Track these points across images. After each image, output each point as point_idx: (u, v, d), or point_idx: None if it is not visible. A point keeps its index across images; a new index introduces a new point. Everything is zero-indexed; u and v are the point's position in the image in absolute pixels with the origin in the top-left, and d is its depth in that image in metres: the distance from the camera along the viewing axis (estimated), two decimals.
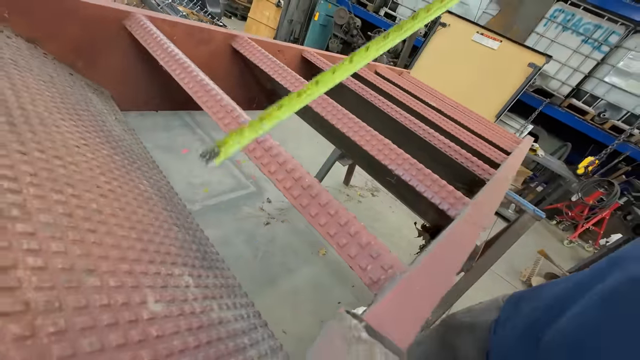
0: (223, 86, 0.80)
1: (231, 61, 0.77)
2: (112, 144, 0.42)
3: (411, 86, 1.28)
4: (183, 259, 0.31)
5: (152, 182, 0.42)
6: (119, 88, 0.60)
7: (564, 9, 3.85)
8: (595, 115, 4.00)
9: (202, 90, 0.42)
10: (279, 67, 0.66)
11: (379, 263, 0.27)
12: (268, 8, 4.85)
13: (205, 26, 0.68)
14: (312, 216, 0.30)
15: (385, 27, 4.88)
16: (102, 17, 0.53)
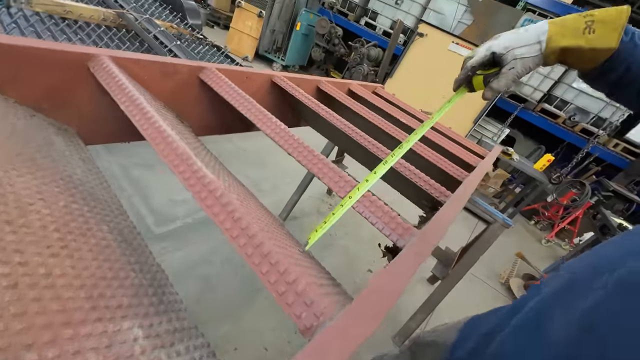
0: (193, 114, 0.82)
1: (200, 90, 0.80)
2: (71, 192, 0.43)
3: (383, 104, 1.33)
4: (135, 309, 0.33)
5: (113, 225, 0.44)
6: (86, 124, 0.62)
7: (532, 18, 4.05)
8: (566, 118, 4.21)
9: (159, 137, 0.44)
10: (243, 99, 0.69)
11: (312, 310, 0.30)
12: (250, 18, 4.89)
13: (171, 61, 0.70)
14: (255, 264, 0.33)
15: (366, 36, 5.00)
16: (66, 61, 0.54)
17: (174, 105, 0.75)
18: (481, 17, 4.33)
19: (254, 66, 5.01)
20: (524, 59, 0.52)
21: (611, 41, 0.47)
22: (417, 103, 4.15)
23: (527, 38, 0.51)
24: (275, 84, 0.96)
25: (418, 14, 4.85)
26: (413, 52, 4.18)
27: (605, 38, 0.47)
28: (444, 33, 3.99)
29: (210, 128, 0.89)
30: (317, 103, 0.90)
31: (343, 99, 1.12)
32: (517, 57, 0.52)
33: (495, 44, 0.54)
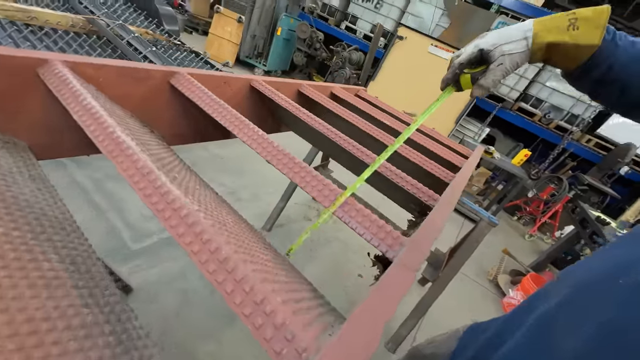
0: (165, 123, 0.77)
1: (172, 97, 0.74)
2: (14, 216, 0.37)
3: (366, 106, 1.31)
4: (85, 354, 0.28)
5: (65, 253, 0.39)
6: (38, 137, 0.55)
7: (506, 21, 4.19)
8: (542, 116, 4.36)
9: (117, 149, 0.39)
10: (217, 105, 0.65)
11: (293, 346, 0.26)
12: (229, 24, 4.82)
13: (139, 65, 0.65)
14: (227, 293, 0.29)
15: (347, 40, 5.04)
16: (13, 67, 0.48)
17: (143, 114, 0.70)
18: (458, 20, 4.45)
19: (235, 72, 4.93)
20: (511, 54, 0.52)
21: (594, 38, 0.47)
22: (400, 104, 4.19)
23: (514, 35, 0.52)
24: (254, 88, 0.92)
25: (397, 17, 4.93)
26: (394, 55, 4.23)
27: (589, 35, 0.47)
28: (423, 36, 4.07)
29: (185, 137, 0.83)
30: (298, 107, 0.86)
31: (325, 103, 1.09)
32: (504, 53, 0.52)
33: (483, 42, 0.54)
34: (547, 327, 0.42)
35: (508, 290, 2.35)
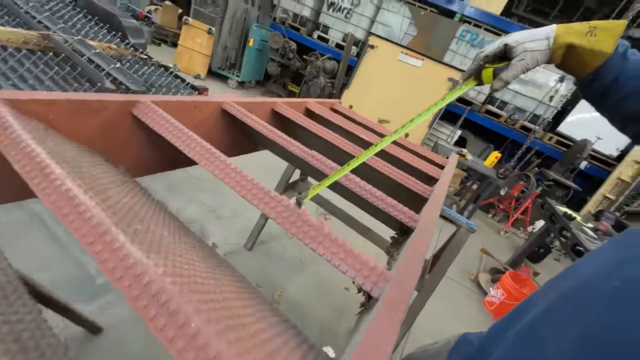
0: (129, 154, 0.72)
1: (136, 127, 0.69)
2: None
3: (342, 120, 1.31)
4: None
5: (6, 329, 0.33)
6: None
7: (469, 29, 4.42)
8: (507, 117, 4.61)
9: (67, 205, 0.35)
10: (183, 135, 0.61)
11: None
12: (199, 35, 4.72)
13: (95, 97, 0.60)
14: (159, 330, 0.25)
15: (320, 49, 5.09)
16: None
17: (104, 147, 0.64)
18: (425, 29, 4.64)
19: (208, 84, 4.82)
20: (533, 52, 0.55)
21: (608, 46, 0.50)
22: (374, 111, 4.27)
23: (537, 34, 0.55)
24: (226, 111, 0.89)
25: (367, 26, 5.06)
26: (366, 63, 4.33)
27: (604, 42, 0.51)
28: (393, 44, 4.19)
29: (153, 166, 0.78)
30: (272, 130, 0.84)
31: (300, 120, 1.07)
32: (527, 50, 0.55)
33: (508, 38, 0.57)
34: (534, 334, 0.43)
35: (489, 288, 2.42)
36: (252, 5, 4.85)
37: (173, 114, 0.70)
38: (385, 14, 4.84)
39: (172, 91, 2.58)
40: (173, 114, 0.70)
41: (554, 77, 4.25)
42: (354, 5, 4.96)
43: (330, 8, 5.15)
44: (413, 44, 4.68)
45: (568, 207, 3.55)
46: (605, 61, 0.51)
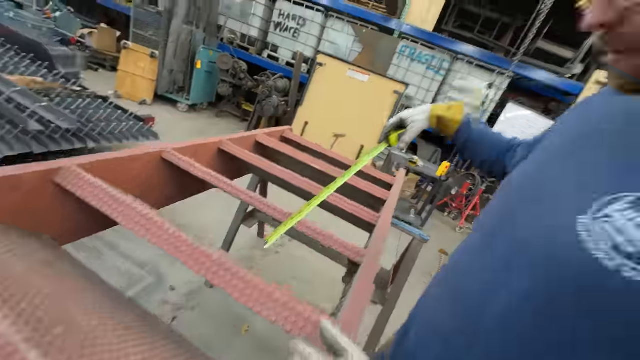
0: (55, 222, 0.66)
1: (59, 194, 0.65)
2: None
3: (291, 150, 1.34)
4: None
5: None
6: None
7: (408, 45, 4.80)
8: None
9: None
10: (113, 201, 0.58)
11: None
12: (141, 59, 4.51)
13: (10, 172, 0.55)
14: None
15: (271, 68, 5.15)
16: None
17: (27, 220, 0.59)
18: (369, 46, 4.93)
19: (155, 109, 4.60)
20: (418, 121, 0.80)
21: (459, 117, 0.78)
22: (329, 126, 4.39)
23: (420, 110, 0.81)
24: (165, 160, 0.86)
25: (315, 44, 5.24)
26: (317, 80, 4.46)
27: (457, 115, 0.78)
28: (340, 61, 4.39)
29: (82, 230, 0.73)
30: (216, 177, 0.83)
31: (248, 158, 1.07)
32: (414, 121, 0.80)
33: (402, 114, 0.82)
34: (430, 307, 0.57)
35: None
36: (197, 28, 4.77)
37: (105, 174, 0.67)
38: (331, 33, 5.06)
39: (112, 125, 2.41)
40: (105, 174, 0.67)
41: (484, 85, 4.77)
42: (300, 25, 5.12)
43: (277, 28, 5.26)
44: (359, 60, 4.94)
45: None
46: (459, 127, 0.77)
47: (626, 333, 0.27)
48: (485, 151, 0.76)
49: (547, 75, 4.76)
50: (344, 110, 4.40)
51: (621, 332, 0.27)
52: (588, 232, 0.30)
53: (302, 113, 4.57)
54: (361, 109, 4.34)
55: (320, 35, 5.20)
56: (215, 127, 4.97)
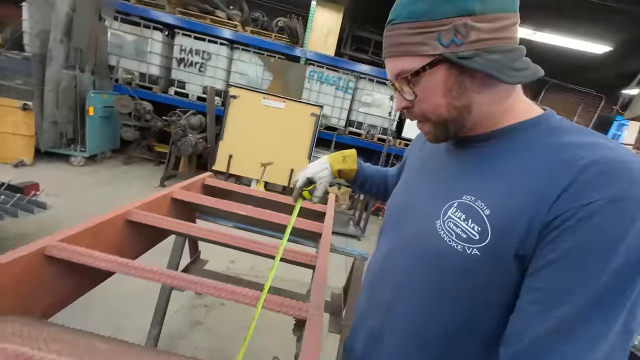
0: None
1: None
2: None
3: (213, 201, 1.25)
4: None
5: None
6: None
7: (315, 70, 5.13)
8: (366, 134, 5.52)
9: None
10: None
11: None
12: (10, 114, 3.73)
13: None
14: None
15: (181, 105, 4.85)
16: None
17: None
18: (278, 73, 5.10)
19: (39, 169, 3.82)
20: (324, 177, 0.84)
21: (354, 166, 0.88)
22: (254, 156, 4.33)
23: (321, 166, 0.85)
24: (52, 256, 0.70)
25: (225, 77, 5.16)
26: (233, 112, 4.38)
27: (352, 164, 0.87)
28: (254, 92, 4.42)
29: None
30: (121, 262, 0.71)
31: (162, 224, 0.96)
32: (321, 177, 0.84)
33: (308, 172, 0.85)
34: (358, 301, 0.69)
35: None
36: (83, 71, 4.20)
37: None
38: (239, 64, 5.07)
39: None
40: None
41: (387, 97, 5.39)
42: (205, 59, 4.99)
43: (181, 64, 5.02)
44: (272, 88, 5.05)
45: None
46: (355, 174, 0.88)
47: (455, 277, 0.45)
48: (376, 185, 0.92)
49: None
50: (266, 139, 4.39)
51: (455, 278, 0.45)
52: (442, 230, 0.47)
53: (224, 147, 4.39)
54: (283, 134, 4.40)
55: (229, 68, 5.16)
56: (126, 175, 4.37)
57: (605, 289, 0.32)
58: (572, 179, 0.36)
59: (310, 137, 4.49)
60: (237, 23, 5.11)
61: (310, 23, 5.18)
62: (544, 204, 0.37)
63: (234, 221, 1.51)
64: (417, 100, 0.47)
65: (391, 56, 0.48)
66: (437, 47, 0.42)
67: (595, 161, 0.35)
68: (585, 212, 0.34)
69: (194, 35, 4.93)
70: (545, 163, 0.39)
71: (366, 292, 0.65)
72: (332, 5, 5.16)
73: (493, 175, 0.44)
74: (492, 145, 0.47)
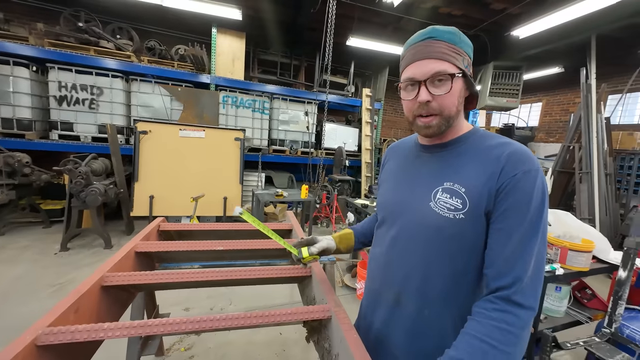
0: None
1: None
2: None
3: (175, 244, 1.21)
4: None
5: None
6: None
7: (228, 95, 5.10)
8: (289, 149, 5.74)
9: None
10: None
11: None
12: None
13: None
14: None
15: (72, 150, 4.11)
16: None
17: None
18: (189, 102, 4.86)
19: None
20: (328, 239, 0.97)
21: (352, 242, 1.02)
22: (181, 191, 4.02)
23: (328, 244, 0.94)
24: None
25: (125, 111, 4.62)
26: (146, 149, 3.97)
27: (350, 241, 1.02)
28: (166, 124, 4.11)
29: None
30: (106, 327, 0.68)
31: (140, 280, 0.91)
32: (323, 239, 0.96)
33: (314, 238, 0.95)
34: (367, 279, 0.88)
35: (355, 284, 2.98)
36: None
37: None
38: (140, 97, 4.62)
39: None
40: None
41: (302, 113, 5.75)
42: (96, 94, 4.37)
43: (63, 102, 4.26)
44: (185, 118, 4.78)
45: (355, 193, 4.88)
46: (355, 245, 1.02)
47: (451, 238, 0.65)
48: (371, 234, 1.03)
49: (337, 98, 6.34)
50: (192, 171, 4.13)
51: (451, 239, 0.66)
52: (436, 208, 0.68)
53: (141, 188, 3.92)
54: (209, 163, 4.22)
55: (128, 101, 4.65)
56: (4, 250, 3.40)
57: (532, 218, 0.59)
58: (503, 164, 0.62)
59: (238, 161, 4.43)
60: (130, 53, 4.67)
61: (214, 49, 5.15)
62: (493, 180, 0.62)
63: (202, 261, 1.46)
64: (438, 97, 0.64)
65: (434, 58, 0.64)
66: (461, 65, 0.65)
67: (510, 153, 0.62)
68: (514, 180, 0.60)
69: (75, 69, 4.27)
70: (487, 157, 0.65)
71: (378, 275, 0.81)
72: (232, 32, 5.26)
73: (460, 167, 0.67)
74: (454, 149, 0.71)
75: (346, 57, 6.59)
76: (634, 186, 4.94)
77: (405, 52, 0.69)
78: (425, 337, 0.70)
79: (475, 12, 5.01)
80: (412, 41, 0.68)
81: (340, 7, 3.90)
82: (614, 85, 6.35)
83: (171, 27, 6.15)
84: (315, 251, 0.89)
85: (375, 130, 6.90)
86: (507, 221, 0.60)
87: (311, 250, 0.88)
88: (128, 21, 5.51)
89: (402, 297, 0.73)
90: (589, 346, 1.32)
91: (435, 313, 0.69)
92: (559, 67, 6.73)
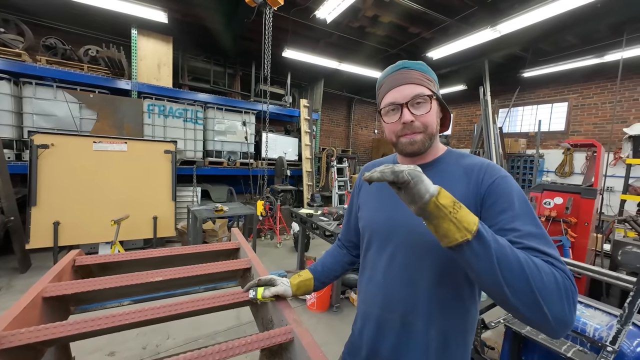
0: None
1: None
2: None
3: (99, 281, 1.03)
4: None
5: None
6: None
7: (154, 103, 4.62)
8: (227, 161, 5.47)
9: None
10: None
11: None
12: None
13: None
14: None
15: None
16: None
17: None
18: (104, 111, 4.23)
19: None
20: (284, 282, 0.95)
21: (311, 285, 0.99)
22: (99, 214, 3.46)
23: (285, 291, 0.92)
24: None
25: (14, 122, 3.77)
26: (47, 166, 3.30)
27: (309, 286, 0.98)
28: (75, 136, 3.50)
29: None
30: None
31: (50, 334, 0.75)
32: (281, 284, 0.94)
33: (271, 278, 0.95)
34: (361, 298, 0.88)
35: (305, 295, 2.95)
36: None
37: None
38: (37, 103, 3.85)
39: None
40: None
41: (239, 123, 5.56)
42: None
43: None
44: (100, 129, 4.15)
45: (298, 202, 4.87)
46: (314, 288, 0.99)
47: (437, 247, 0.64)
48: (334, 266, 1.03)
49: (276, 108, 6.33)
50: (112, 189, 3.58)
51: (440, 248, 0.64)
52: None
53: (40, 215, 3.23)
54: (135, 179, 3.72)
55: (19, 109, 3.82)
56: None
57: (521, 199, 0.64)
58: (483, 174, 0.69)
59: (170, 175, 4.02)
60: (21, 51, 3.87)
61: (135, 53, 4.63)
62: (477, 187, 0.68)
63: (133, 296, 1.27)
64: (420, 116, 0.71)
65: (412, 83, 0.71)
66: (434, 90, 0.74)
67: (486, 165, 0.71)
68: (495, 184, 0.67)
69: None
70: (466, 171, 0.72)
71: (377, 299, 0.79)
72: (157, 35, 4.81)
73: (444, 182, 0.67)
74: (435, 167, 0.76)
75: (282, 67, 6.64)
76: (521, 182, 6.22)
77: (382, 81, 0.77)
78: (441, 350, 0.72)
79: (396, 34, 5.61)
80: (387, 72, 0.77)
81: (275, 19, 3.93)
82: (502, 101, 7.85)
83: (79, 25, 5.32)
84: (269, 295, 0.88)
85: (314, 139, 7.07)
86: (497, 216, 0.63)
87: (265, 294, 0.88)
88: (18, 13, 4.58)
89: (409, 317, 0.73)
90: (507, 322, 1.56)
91: (443, 324, 0.71)
92: (463, 85, 7.99)
